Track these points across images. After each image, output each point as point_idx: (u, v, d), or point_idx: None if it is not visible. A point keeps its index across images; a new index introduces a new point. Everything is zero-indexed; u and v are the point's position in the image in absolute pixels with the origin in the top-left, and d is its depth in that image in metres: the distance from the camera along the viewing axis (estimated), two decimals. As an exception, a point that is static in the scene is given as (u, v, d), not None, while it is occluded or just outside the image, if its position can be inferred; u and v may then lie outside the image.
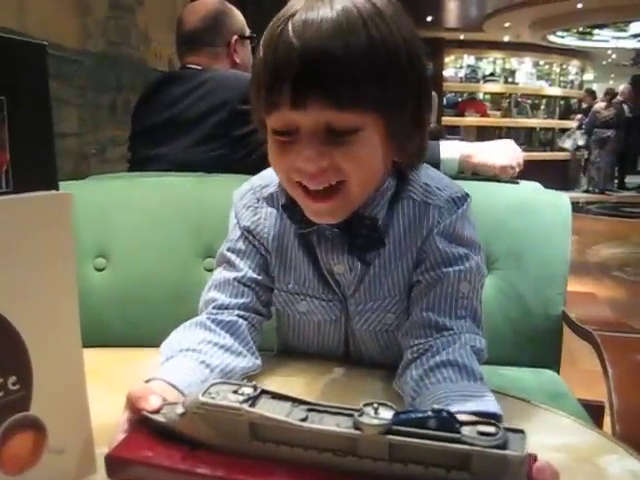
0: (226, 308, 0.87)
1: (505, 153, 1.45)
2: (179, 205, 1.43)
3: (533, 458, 0.49)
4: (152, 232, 1.40)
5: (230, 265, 0.91)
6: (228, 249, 0.92)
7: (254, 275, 0.90)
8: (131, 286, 1.36)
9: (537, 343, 1.34)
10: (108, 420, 0.61)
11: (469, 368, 0.73)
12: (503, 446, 0.46)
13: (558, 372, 1.36)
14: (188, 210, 1.42)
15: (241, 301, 0.88)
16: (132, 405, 0.62)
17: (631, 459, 0.63)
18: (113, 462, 0.55)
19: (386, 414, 0.49)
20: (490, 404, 0.66)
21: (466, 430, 0.47)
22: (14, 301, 0.48)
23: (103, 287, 1.36)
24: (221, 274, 0.91)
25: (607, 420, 0.97)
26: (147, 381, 0.70)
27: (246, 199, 0.93)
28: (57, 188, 0.49)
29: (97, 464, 0.59)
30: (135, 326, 1.32)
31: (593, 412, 1.21)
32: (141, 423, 0.59)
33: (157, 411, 0.58)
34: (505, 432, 0.47)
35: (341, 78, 0.71)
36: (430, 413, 0.49)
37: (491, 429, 0.47)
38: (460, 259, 0.83)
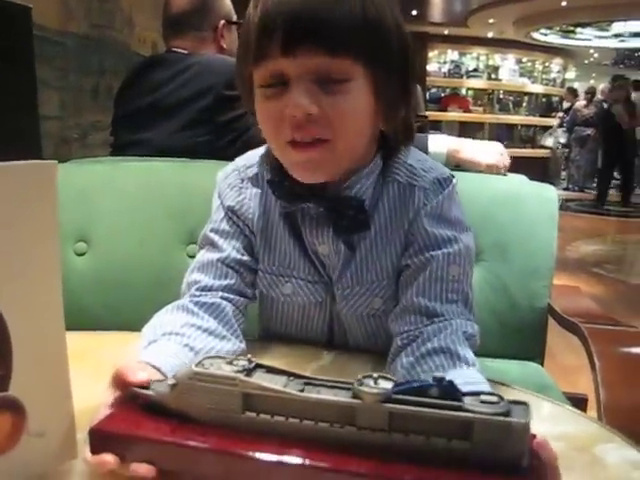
0: (209, 290, 0.86)
1: (493, 153, 1.45)
2: (162, 190, 1.40)
3: (532, 436, 0.48)
4: (134, 217, 1.38)
5: (213, 246, 0.89)
6: (211, 230, 0.91)
7: (238, 256, 0.88)
8: (112, 271, 1.34)
9: (522, 335, 1.34)
10: (90, 404, 0.59)
11: (461, 355, 0.72)
12: (506, 414, 0.45)
13: (542, 365, 1.36)
14: (171, 195, 1.40)
15: (225, 282, 0.87)
16: (119, 381, 0.60)
17: (628, 448, 0.63)
18: (97, 436, 0.53)
19: (386, 384, 0.48)
20: (484, 388, 0.65)
21: (468, 399, 0.47)
22: (-6, 276, 0.45)
23: (84, 272, 1.33)
24: (204, 256, 0.89)
25: (591, 414, 0.97)
26: None
27: (230, 179, 0.91)
28: (41, 157, 0.47)
29: (78, 449, 0.57)
30: (116, 311, 1.30)
31: (577, 405, 1.20)
32: (127, 399, 0.57)
33: (145, 386, 0.56)
34: (507, 402, 0.47)
35: (332, 24, 0.72)
36: (431, 382, 0.48)
37: (494, 398, 0.47)
38: (448, 241, 0.82)
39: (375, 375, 0.49)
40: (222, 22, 1.79)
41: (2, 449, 0.49)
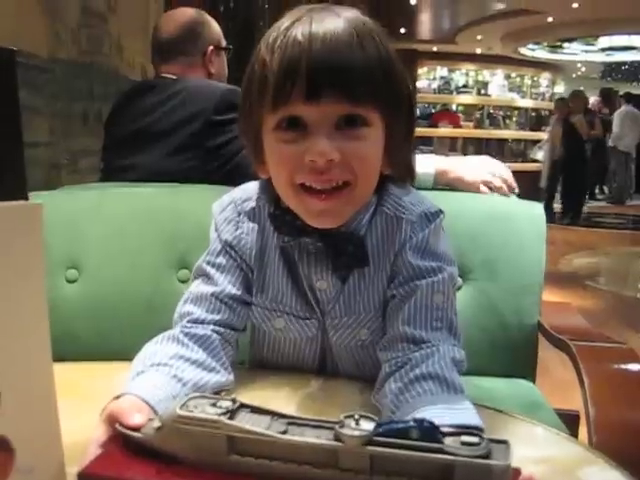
0: (201, 323, 0.86)
1: (483, 168, 1.42)
2: (152, 216, 1.41)
3: (517, 472, 0.48)
4: (125, 243, 1.38)
5: (209, 279, 0.89)
6: (208, 262, 0.90)
7: (233, 291, 0.88)
8: (103, 298, 1.34)
9: (513, 353, 1.35)
10: (79, 437, 0.59)
11: (449, 380, 0.73)
12: (487, 456, 0.45)
13: (534, 382, 1.36)
14: (161, 221, 1.40)
15: (217, 317, 0.87)
16: (112, 421, 0.61)
17: (612, 470, 0.63)
18: (85, 479, 0.54)
19: (367, 425, 0.48)
20: (471, 416, 0.66)
21: (449, 440, 0.47)
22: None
23: (75, 299, 1.33)
24: (198, 287, 0.89)
25: (582, 430, 0.97)
26: (118, 397, 0.68)
27: (227, 212, 0.91)
28: (27, 198, 0.48)
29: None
30: (107, 338, 1.30)
31: (569, 422, 1.21)
32: (116, 439, 0.58)
33: (137, 428, 0.57)
34: (489, 442, 0.47)
35: (355, 72, 0.74)
36: (412, 423, 0.48)
37: (474, 439, 0.47)
38: (432, 271, 0.83)
39: (356, 416, 0.49)
40: (211, 48, 1.80)
41: (-9, 486, 0.50)
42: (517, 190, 1.42)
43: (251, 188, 0.92)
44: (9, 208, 0.47)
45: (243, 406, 0.53)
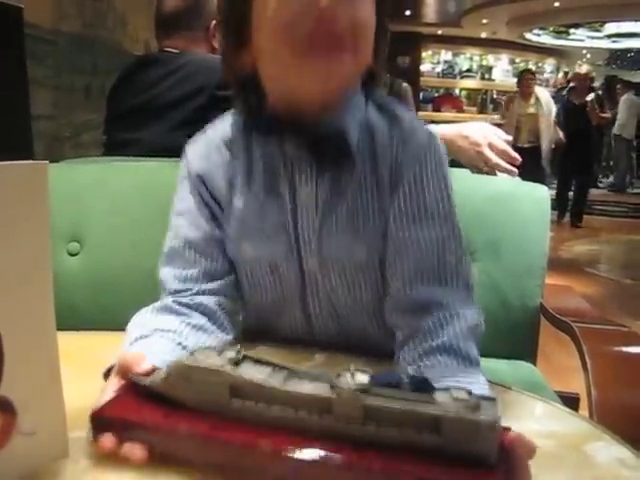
0: (189, 290, 0.85)
1: (479, 136, 1.37)
2: (154, 190, 1.40)
3: (507, 430, 0.50)
4: (127, 217, 1.37)
5: (180, 228, 0.88)
6: (178, 212, 0.90)
7: (208, 232, 0.87)
8: (105, 271, 1.34)
9: (514, 335, 1.35)
10: (80, 404, 0.59)
11: (464, 352, 0.72)
12: (474, 411, 0.47)
13: (535, 364, 1.37)
14: (164, 195, 1.38)
15: (197, 270, 0.86)
16: (123, 369, 0.63)
17: (617, 446, 0.63)
18: (97, 419, 0.57)
19: (362, 378, 0.50)
20: (483, 389, 0.66)
21: (439, 395, 0.48)
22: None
23: (76, 272, 1.33)
24: (172, 242, 0.89)
25: (582, 413, 0.97)
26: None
27: (198, 146, 0.90)
28: (33, 157, 0.47)
29: (69, 448, 0.57)
30: (108, 311, 1.30)
31: (569, 405, 1.21)
32: (127, 386, 0.61)
33: (147, 374, 0.60)
34: (477, 399, 0.48)
35: None
36: (405, 377, 0.50)
37: (464, 395, 0.48)
38: (442, 219, 0.80)
39: (352, 369, 0.51)
40: (214, 22, 1.78)
41: (-7, 448, 0.49)
42: (518, 160, 1.36)
43: (222, 121, 0.91)
44: (15, 167, 0.46)
45: (246, 357, 0.56)
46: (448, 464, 0.47)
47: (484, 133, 1.38)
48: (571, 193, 7.42)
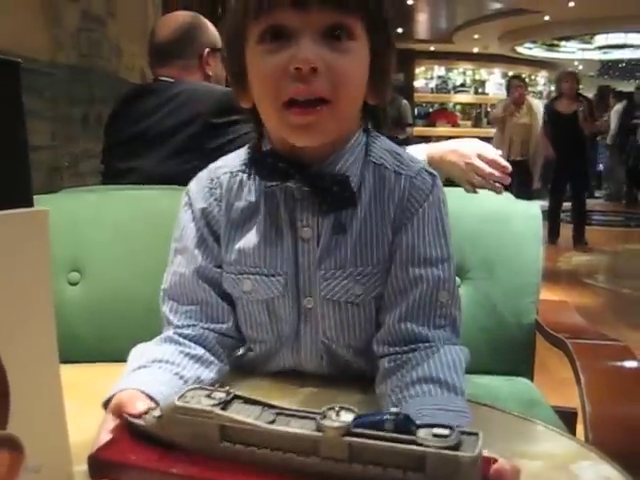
0: (192, 325, 0.87)
1: (472, 151, 1.36)
2: (153, 218, 1.42)
3: (492, 460, 0.51)
4: (126, 246, 1.39)
5: (182, 260, 0.89)
6: (178, 245, 0.91)
7: (208, 266, 0.88)
8: (105, 300, 1.35)
9: (511, 352, 1.36)
10: (85, 437, 0.61)
11: (449, 383, 0.73)
12: (456, 447, 0.48)
13: (532, 380, 1.38)
14: (162, 223, 1.40)
15: (200, 308, 0.87)
16: (117, 409, 0.65)
17: (604, 464, 0.65)
18: (95, 463, 0.58)
19: (347, 417, 0.51)
20: (462, 420, 0.66)
21: (422, 432, 0.49)
22: (-9, 318, 0.47)
23: (77, 301, 1.35)
24: (174, 276, 0.90)
25: (580, 427, 0.98)
26: (121, 390, 0.70)
27: (202, 182, 0.91)
28: (32, 205, 0.49)
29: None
30: (109, 340, 1.31)
31: (567, 419, 1.22)
32: (122, 426, 0.62)
33: (140, 415, 0.61)
34: (459, 434, 0.49)
35: None
36: (387, 416, 0.51)
37: (445, 431, 0.49)
38: (440, 261, 0.82)
39: (337, 407, 0.52)
40: (207, 50, 1.82)
41: (1, 485, 0.51)
42: (509, 169, 1.38)
43: (225, 158, 0.93)
44: (15, 215, 0.48)
45: (236, 397, 0.57)
46: None
47: (473, 146, 1.41)
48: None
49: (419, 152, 1.40)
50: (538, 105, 6.79)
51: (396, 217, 0.84)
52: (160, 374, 0.77)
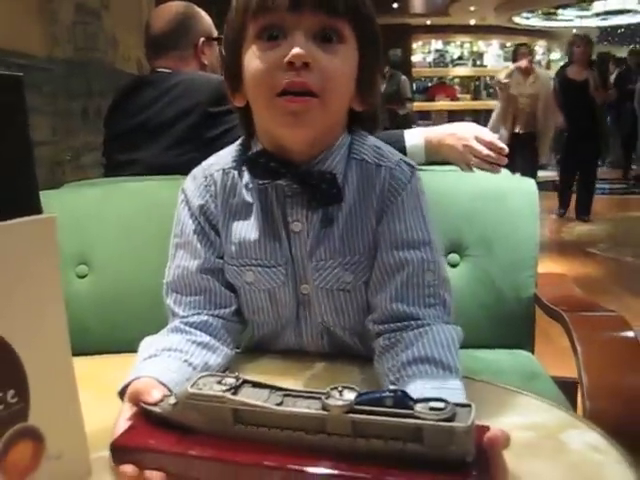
0: (197, 314, 0.90)
1: (469, 133, 1.40)
2: (157, 209, 1.44)
3: (485, 429, 0.55)
4: (131, 237, 1.42)
5: (184, 254, 0.93)
6: (177, 245, 0.95)
7: (209, 260, 0.92)
8: (113, 292, 1.38)
9: (511, 325, 1.39)
10: (100, 426, 0.65)
11: (444, 362, 0.76)
12: (450, 419, 0.52)
13: (532, 352, 1.41)
14: (165, 214, 1.42)
15: (204, 298, 0.91)
16: (134, 397, 0.69)
17: (591, 432, 0.68)
18: (117, 449, 0.62)
19: (350, 395, 0.55)
20: (457, 397, 0.67)
21: (419, 407, 0.53)
22: (8, 321, 0.50)
23: (85, 294, 1.38)
24: (176, 270, 0.93)
25: (580, 396, 1.01)
26: (135, 379, 0.74)
27: (197, 180, 0.95)
28: (41, 212, 0.52)
29: (92, 468, 0.63)
30: (117, 331, 1.34)
31: (567, 389, 1.25)
32: (140, 414, 0.67)
33: (156, 403, 0.65)
34: (453, 407, 0.53)
35: None
36: (387, 393, 0.55)
37: (440, 405, 0.53)
38: (422, 244, 0.87)
39: (340, 387, 0.56)
40: (202, 39, 1.83)
41: (26, 472, 0.55)
42: (506, 150, 1.38)
43: (217, 155, 0.97)
44: (26, 223, 0.51)
45: (245, 382, 0.61)
46: (431, 469, 0.52)
47: (470, 129, 1.43)
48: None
49: (417, 135, 1.43)
50: (546, 75, 6.50)
51: (378, 206, 0.89)
52: (170, 362, 0.81)
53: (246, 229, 0.91)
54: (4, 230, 0.50)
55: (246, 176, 0.92)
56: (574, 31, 12.87)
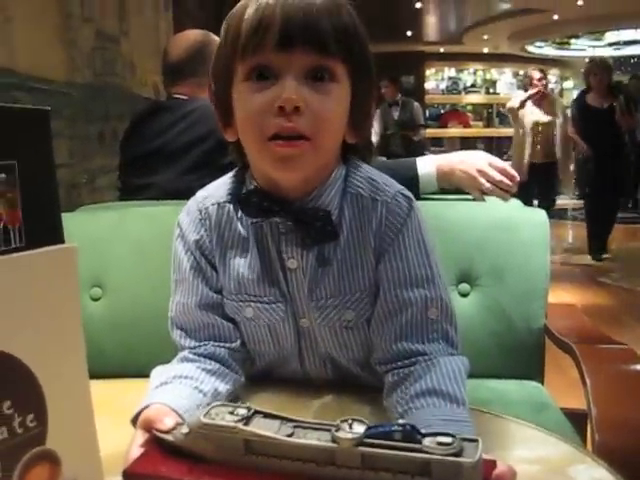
0: (203, 345, 0.91)
1: (481, 161, 1.43)
2: (171, 234, 1.44)
3: (492, 464, 0.56)
4: (146, 261, 1.43)
5: (183, 291, 0.93)
6: (177, 277, 0.94)
7: (209, 295, 0.92)
8: (128, 315, 1.39)
9: (521, 356, 1.39)
10: (115, 450, 0.66)
11: (451, 394, 0.76)
12: (458, 454, 0.53)
13: (542, 383, 1.41)
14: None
15: (209, 332, 0.91)
16: (146, 425, 0.70)
17: (598, 468, 0.68)
18: (130, 476, 0.63)
19: (359, 428, 0.56)
20: (465, 430, 0.69)
21: (427, 441, 0.54)
22: (29, 346, 0.52)
23: (100, 316, 1.39)
24: (178, 306, 0.93)
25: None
26: (147, 406, 0.75)
27: (192, 214, 0.94)
28: (63, 241, 0.54)
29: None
30: (132, 354, 1.35)
31: (577, 420, 1.25)
32: (152, 441, 0.67)
33: (168, 431, 0.66)
34: (460, 441, 0.54)
35: (328, 25, 0.79)
36: (396, 427, 0.56)
37: (448, 439, 0.54)
38: (426, 282, 0.85)
39: (350, 420, 0.57)
40: (220, 67, 1.86)
41: (41, 496, 0.56)
42: (517, 178, 1.42)
43: (212, 186, 0.96)
44: (49, 252, 0.53)
45: (257, 412, 0.62)
46: None
47: (483, 156, 1.46)
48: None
49: (429, 164, 1.45)
50: (562, 102, 6.28)
51: (376, 243, 0.87)
52: (181, 389, 0.82)
53: (243, 265, 0.90)
54: (28, 259, 0.51)
55: (241, 212, 0.90)
56: (586, 59, 12.95)
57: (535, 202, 5.52)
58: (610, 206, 5.87)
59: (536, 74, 5.81)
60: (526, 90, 5.95)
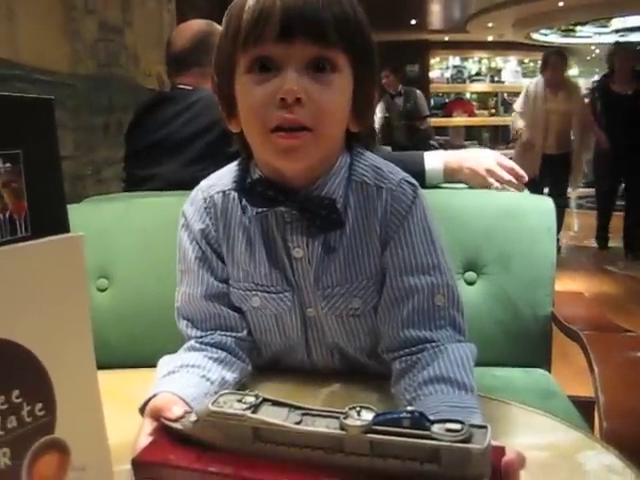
0: (209, 335, 0.91)
1: (489, 159, 1.45)
2: (176, 224, 1.44)
3: (501, 450, 0.56)
4: (151, 251, 1.43)
5: (189, 281, 0.93)
6: (182, 270, 0.95)
7: (215, 284, 0.92)
8: (134, 306, 1.40)
9: (528, 344, 1.39)
10: (122, 439, 0.66)
11: (459, 381, 0.76)
12: (467, 440, 0.53)
13: (549, 371, 1.41)
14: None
15: (215, 323, 0.92)
16: (154, 413, 0.70)
17: (607, 454, 0.68)
18: (138, 465, 0.64)
19: (367, 416, 0.56)
20: (473, 416, 0.69)
21: (436, 428, 0.54)
22: (36, 336, 0.52)
23: (106, 307, 1.40)
24: (184, 296, 0.93)
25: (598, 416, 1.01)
26: (155, 395, 0.76)
27: (197, 203, 0.94)
28: (69, 231, 0.54)
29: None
30: (138, 344, 1.36)
31: (585, 408, 1.25)
32: (160, 430, 0.68)
33: (176, 419, 0.66)
34: (469, 428, 0.53)
35: (329, 16, 0.78)
36: (404, 414, 0.56)
37: (457, 426, 0.54)
38: (432, 268, 0.85)
39: (358, 407, 0.57)
40: (224, 56, 1.85)
41: (51, 484, 0.56)
42: (526, 178, 1.44)
43: (216, 175, 0.96)
44: (53, 242, 0.53)
45: (265, 400, 0.62)
46: None
47: (490, 154, 1.46)
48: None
49: (437, 159, 1.45)
50: (577, 87, 5.62)
51: (382, 231, 0.87)
52: (189, 377, 0.82)
53: (249, 254, 0.90)
54: (34, 249, 0.51)
55: (246, 202, 0.90)
56: (592, 47, 12.88)
57: (545, 190, 5.06)
58: (629, 202, 5.57)
59: (552, 58, 5.21)
60: (542, 73, 5.29)
